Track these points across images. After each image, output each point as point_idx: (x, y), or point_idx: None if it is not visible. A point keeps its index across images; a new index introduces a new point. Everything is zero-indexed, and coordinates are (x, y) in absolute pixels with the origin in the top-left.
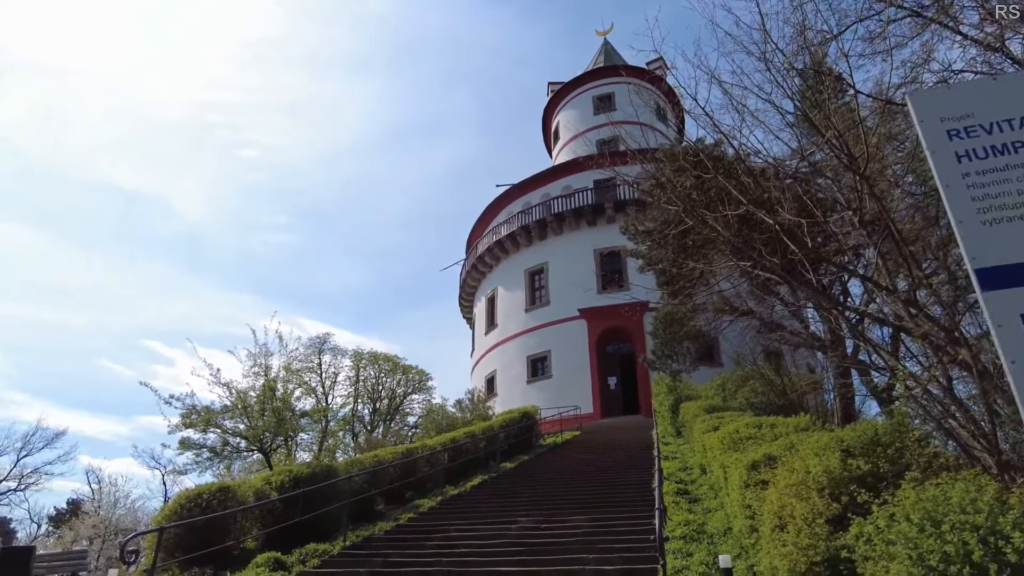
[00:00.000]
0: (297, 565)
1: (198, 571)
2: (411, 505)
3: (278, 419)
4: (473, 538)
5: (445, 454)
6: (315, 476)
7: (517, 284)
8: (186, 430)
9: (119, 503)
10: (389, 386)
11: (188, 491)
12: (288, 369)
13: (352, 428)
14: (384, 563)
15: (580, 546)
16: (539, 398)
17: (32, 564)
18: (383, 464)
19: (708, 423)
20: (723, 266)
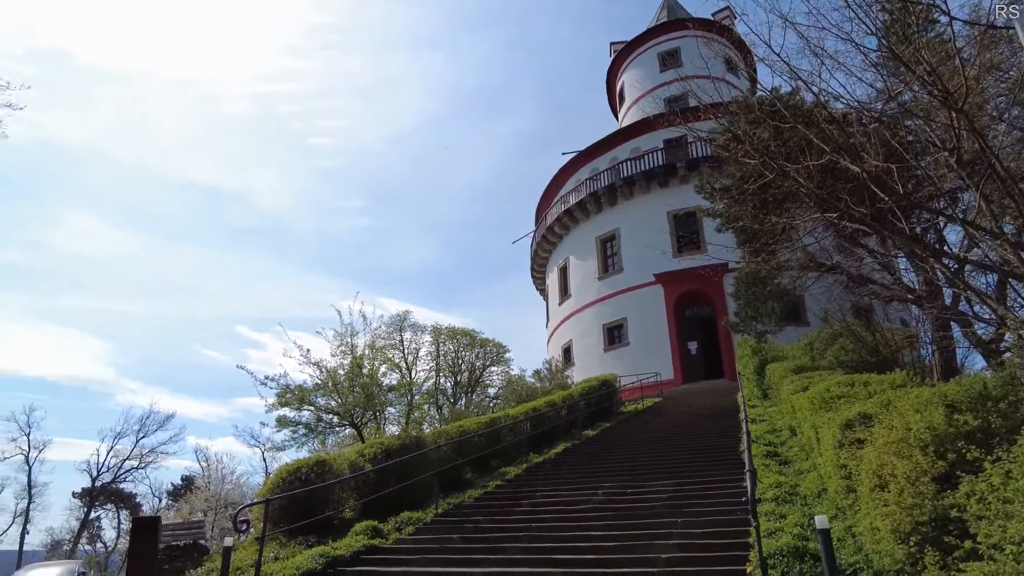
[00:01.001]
0: (393, 532)
1: (302, 539)
2: (497, 473)
3: (366, 395)
4: (559, 504)
5: (527, 423)
6: (405, 447)
7: (589, 252)
8: (282, 409)
9: (226, 479)
10: (468, 359)
11: (288, 465)
12: (372, 347)
13: (436, 401)
14: (475, 529)
15: (666, 511)
16: (617, 366)
17: (159, 532)
18: (468, 434)
19: (796, 384)
20: (807, 219)
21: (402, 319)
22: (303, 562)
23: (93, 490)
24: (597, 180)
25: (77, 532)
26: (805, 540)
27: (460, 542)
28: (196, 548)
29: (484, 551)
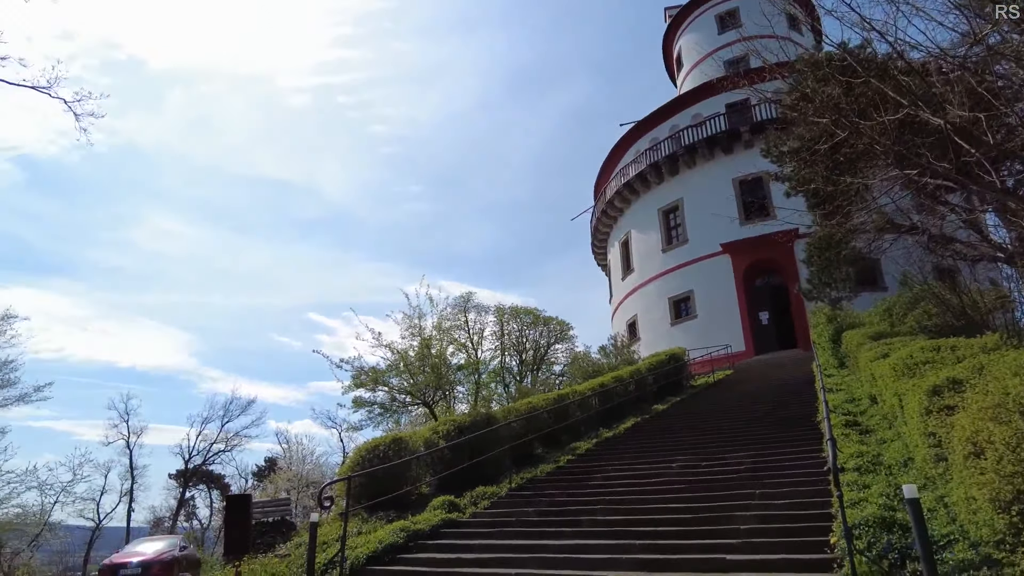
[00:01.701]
0: (469, 507)
1: (382, 514)
2: (568, 448)
3: (436, 374)
4: (633, 477)
5: (595, 398)
6: (476, 424)
7: (651, 225)
8: (357, 390)
9: (306, 459)
10: (532, 338)
11: (367, 443)
12: (439, 328)
13: (502, 379)
14: (550, 503)
15: (744, 482)
16: (685, 339)
17: (251, 508)
18: (537, 410)
19: (876, 350)
20: (883, 178)
21: (466, 300)
22: (385, 536)
23: (186, 472)
24: (657, 150)
25: (175, 510)
26: (892, 510)
27: (536, 515)
28: (284, 524)
29: (560, 524)
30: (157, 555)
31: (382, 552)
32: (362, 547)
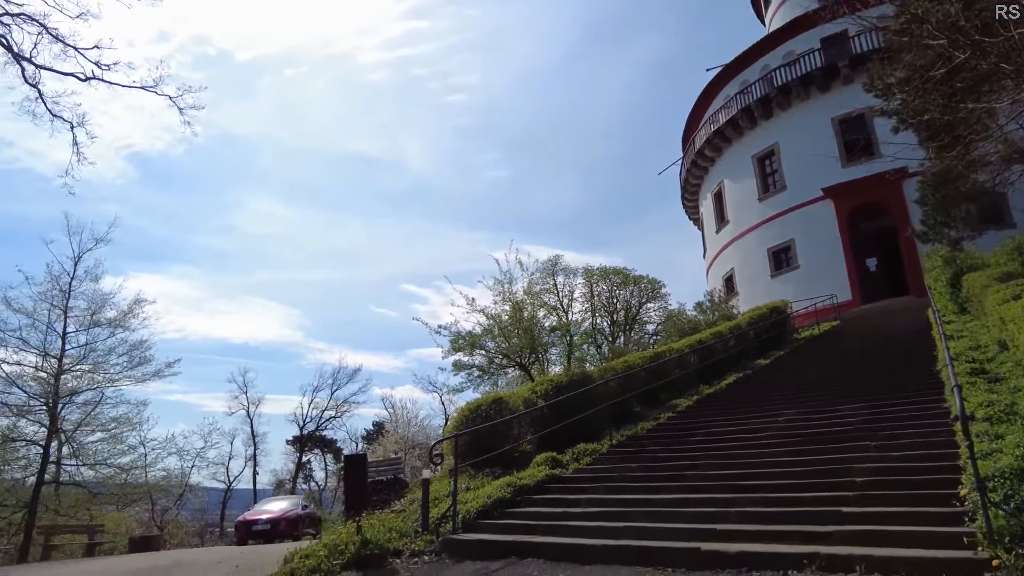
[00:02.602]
0: (572, 463)
1: (488, 471)
2: (667, 405)
3: (529, 337)
4: (737, 432)
5: (693, 355)
6: (573, 383)
7: (745, 173)
8: (456, 354)
9: (411, 422)
10: (623, 298)
11: (469, 404)
12: (529, 292)
13: (595, 340)
14: (652, 458)
15: (858, 434)
16: (786, 291)
17: (366, 467)
18: (634, 368)
19: (1005, 292)
20: (1012, 102)
21: (553, 263)
22: (493, 491)
23: (301, 437)
24: (748, 93)
25: (294, 473)
26: None
27: (639, 471)
28: (397, 482)
29: (664, 479)
30: (283, 513)
31: (491, 506)
32: (472, 502)
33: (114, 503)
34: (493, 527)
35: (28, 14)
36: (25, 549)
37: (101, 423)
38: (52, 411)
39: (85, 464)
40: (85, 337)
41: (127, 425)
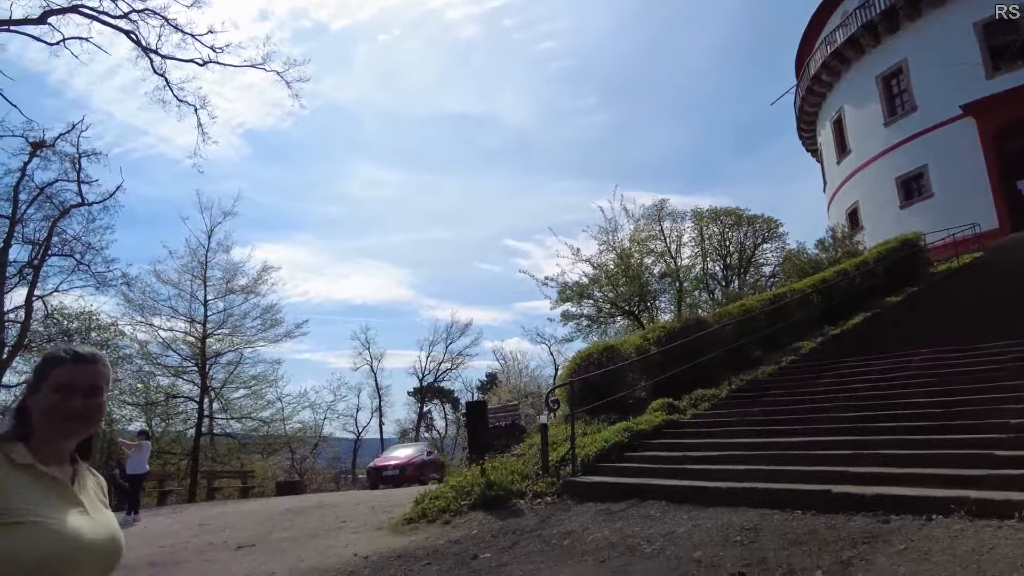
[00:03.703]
0: (689, 408)
1: (603, 417)
2: (789, 348)
3: (638, 283)
4: (868, 373)
5: (815, 296)
6: (687, 329)
7: (868, 96)
8: (564, 304)
9: (522, 373)
10: (736, 240)
11: (581, 352)
12: (635, 239)
13: (706, 285)
14: (776, 402)
15: (1009, 374)
16: (918, 222)
17: (487, 413)
18: (751, 312)
19: None
20: None
21: (659, 208)
22: (610, 436)
23: (421, 389)
24: (869, 7)
25: (416, 423)
26: None
27: (761, 415)
28: (515, 427)
29: (789, 422)
30: (409, 459)
31: (609, 450)
32: (589, 446)
33: (260, 452)
34: (612, 470)
35: (152, 8)
36: (193, 491)
37: (243, 381)
38: (202, 371)
39: (233, 417)
40: (223, 303)
41: (265, 382)
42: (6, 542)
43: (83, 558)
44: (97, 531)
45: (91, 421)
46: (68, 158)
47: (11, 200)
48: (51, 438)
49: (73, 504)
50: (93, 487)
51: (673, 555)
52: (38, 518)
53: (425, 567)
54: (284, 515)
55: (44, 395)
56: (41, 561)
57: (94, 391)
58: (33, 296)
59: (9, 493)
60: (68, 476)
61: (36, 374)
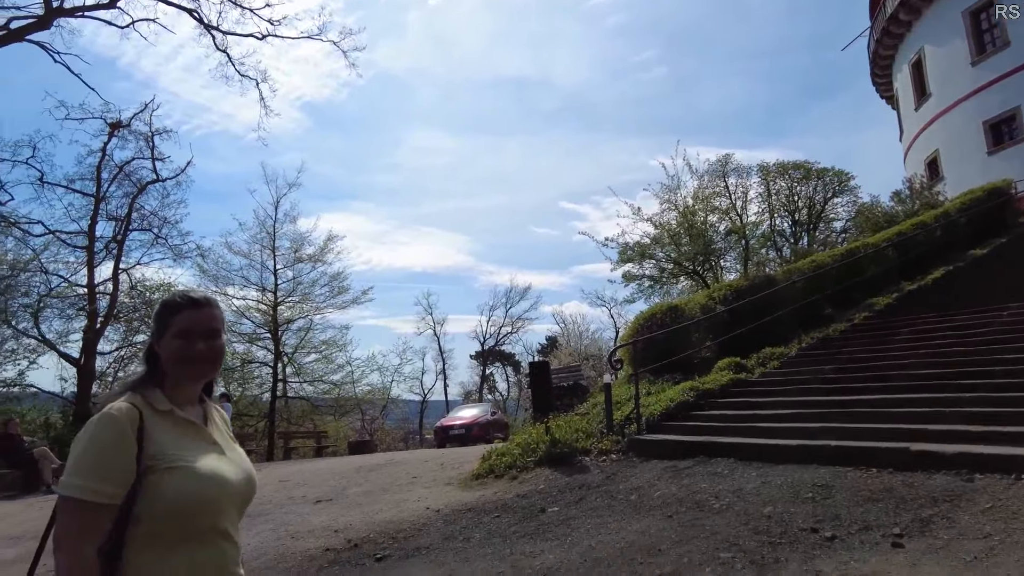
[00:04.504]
0: (757, 367)
1: (668, 377)
2: (863, 305)
3: (703, 241)
4: (950, 329)
5: (891, 250)
6: (755, 287)
7: (953, 34)
8: (624, 265)
9: (582, 336)
10: (805, 194)
11: (644, 312)
12: (699, 197)
13: (773, 243)
14: (849, 359)
15: None
16: (1008, 169)
17: (550, 374)
18: (823, 268)
19: None
20: None
21: (723, 164)
22: (676, 395)
23: (483, 352)
24: None
25: (479, 385)
26: None
27: (833, 372)
28: (578, 387)
29: (863, 379)
30: (474, 419)
31: (674, 409)
32: (654, 405)
33: (332, 413)
34: (678, 428)
35: None
36: (270, 450)
37: (314, 346)
38: (275, 337)
39: (305, 381)
40: (292, 272)
41: (335, 347)
42: (163, 487)
43: (227, 498)
44: (236, 471)
45: (215, 363)
46: (142, 137)
47: (95, 180)
48: (180, 382)
49: (212, 446)
50: (221, 424)
51: (742, 511)
52: (186, 463)
53: (495, 519)
54: (357, 472)
55: (168, 341)
56: (195, 503)
57: (213, 334)
58: (119, 269)
59: (158, 439)
60: (200, 417)
61: (157, 321)
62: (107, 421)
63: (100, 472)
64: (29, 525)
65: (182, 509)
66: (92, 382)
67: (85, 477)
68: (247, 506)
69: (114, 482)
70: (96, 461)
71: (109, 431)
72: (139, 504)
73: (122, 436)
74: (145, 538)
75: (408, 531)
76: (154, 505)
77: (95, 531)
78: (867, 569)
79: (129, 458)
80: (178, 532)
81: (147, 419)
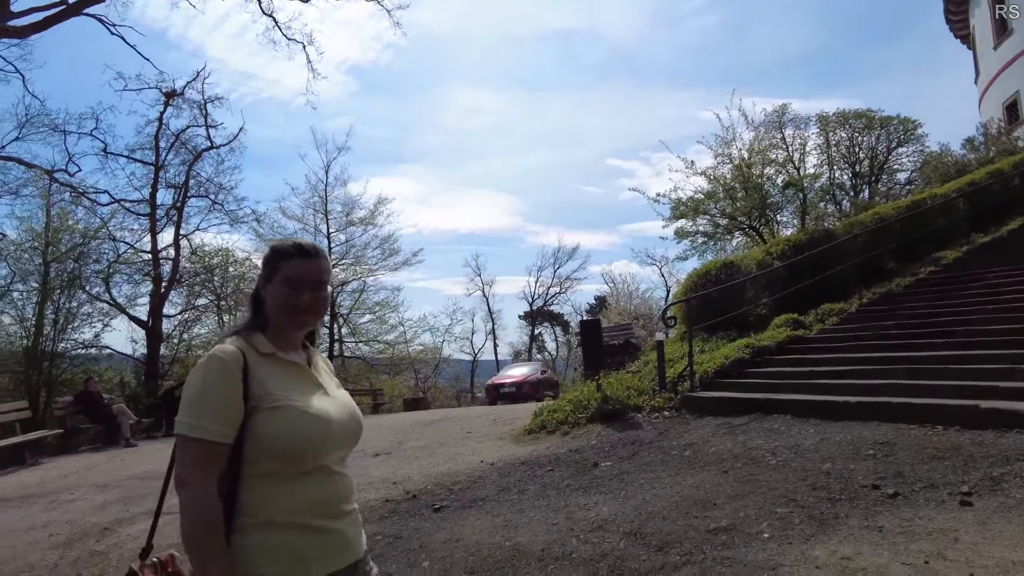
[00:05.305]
0: (815, 324)
1: (722, 334)
2: (929, 259)
3: (759, 196)
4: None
5: (961, 200)
6: (814, 241)
7: None
8: (677, 222)
9: (632, 296)
10: (867, 145)
11: (698, 269)
12: (754, 149)
13: (832, 196)
14: (913, 315)
15: None
16: None
17: (601, 331)
18: (886, 220)
19: None
20: None
21: (780, 114)
22: (730, 352)
23: (532, 312)
24: None
25: (528, 344)
26: None
27: (895, 328)
28: (628, 346)
29: (928, 336)
30: (525, 377)
31: (729, 366)
32: (708, 363)
33: (387, 372)
34: (733, 385)
35: None
36: None
37: (368, 307)
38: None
39: (361, 341)
40: (344, 236)
41: (388, 308)
42: (272, 424)
43: (333, 435)
44: (340, 410)
45: (318, 314)
46: (196, 105)
47: (153, 148)
48: (283, 328)
49: (315, 387)
50: (326, 370)
51: (800, 467)
52: (289, 402)
53: (548, 473)
54: (413, 427)
55: (276, 287)
56: (303, 438)
57: (319, 285)
58: (179, 235)
59: (261, 380)
60: (304, 361)
61: (267, 266)
62: (214, 363)
63: (209, 412)
64: (113, 475)
65: (288, 447)
66: (160, 343)
67: (197, 416)
68: (354, 445)
69: (222, 421)
70: (204, 401)
71: (215, 373)
72: (248, 443)
73: (227, 377)
74: (257, 476)
75: (464, 483)
76: (262, 444)
77: (211, 468)
78: (933, 526)
79: (236, 398)
80: (287, 469)
81: (251, 361)
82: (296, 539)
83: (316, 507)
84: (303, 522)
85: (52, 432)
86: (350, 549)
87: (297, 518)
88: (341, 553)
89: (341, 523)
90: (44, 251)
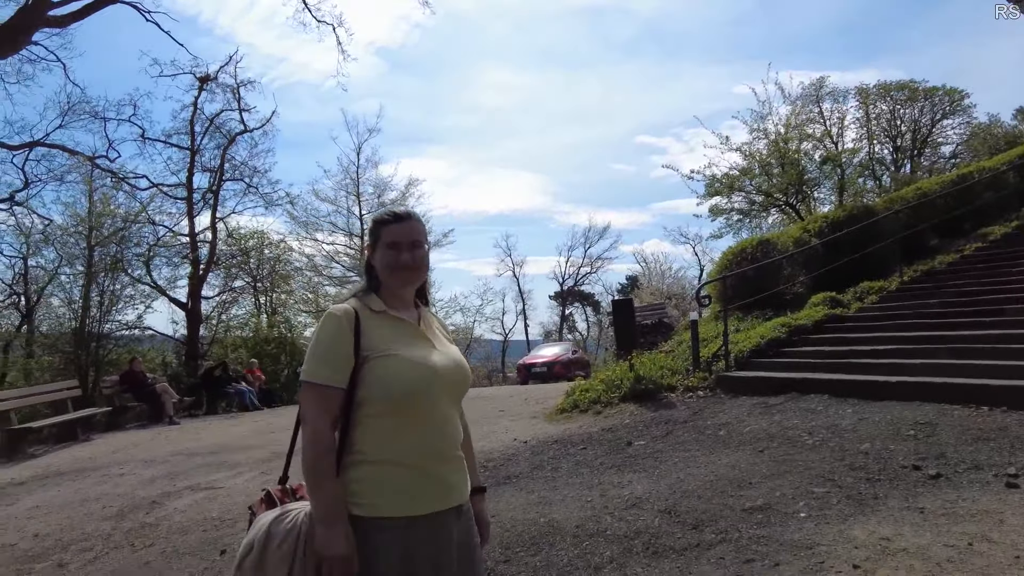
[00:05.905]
0: (854, 303)
1: (758, 313)
2: (974, 235)
3: (795, 172)
4: None
5: (1011, 174)
6: (853, 218)
7: None
8: (712, 199)
9: (664, 275)
10: (909, 117)
11: (733, 247)
12: (791, 124)
13: (872, 171)
14: (957, 293)
15: None
16: None
17: (633, 311)
18: (928, 196)
19: None
20: None
21: (817, 87)
22: (766, 331)
23: (562, 292)
24: None
25: (559, 325)
26: None
27: (939, 307)
28: (662, 326)
29: (973, 314)
30: (556, 357)
31: (765, 346)
32: (743, 342)
33: None
34: (768, 365)
35: None
36: None
37: None
38: None
39: None
40: None
41: None
42: (380, 372)
43: (438, 382)
44: (446, 361)
45: (419, 270)
46: (229, 89)
47: (189, 133)
48: (392, 287)
49: (422, 340)
50: (437, 326)
51: (837, 447)
52: (397, 352)
53: (581, 451)
54: None
55: (380, 252)
56: (408, 384)
57: (416, 245)
58: (216, 218)
59: (372, 334)
60: (415, 318)
61: (371, 235)
62: (327, 319)
63: (324, 360)
64: (158, 451)
65: (395, 392)
66: (199, 324)
67: (312, 364)
68: (462, 392)
69: (333, 368)
70: (318, 351)
71: (328, 328)
72: (360, 389)
73: (339, 329)
74: (369, 420)
75: (498, 460)
76: (371, 390)
77: (327, 409)
78: (977, 508)
79: (347, 348)
80: (397, 414)
81: (363, 317)
82: (400, 476)
83: (422, 449)
84: (409, 462)
85: (101, 410)
86: (454, 492)
87: (403, 458)
88: (445, 495)
89: (446, 467)
90: (88, 235)
